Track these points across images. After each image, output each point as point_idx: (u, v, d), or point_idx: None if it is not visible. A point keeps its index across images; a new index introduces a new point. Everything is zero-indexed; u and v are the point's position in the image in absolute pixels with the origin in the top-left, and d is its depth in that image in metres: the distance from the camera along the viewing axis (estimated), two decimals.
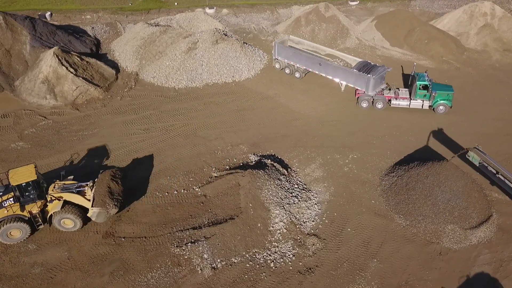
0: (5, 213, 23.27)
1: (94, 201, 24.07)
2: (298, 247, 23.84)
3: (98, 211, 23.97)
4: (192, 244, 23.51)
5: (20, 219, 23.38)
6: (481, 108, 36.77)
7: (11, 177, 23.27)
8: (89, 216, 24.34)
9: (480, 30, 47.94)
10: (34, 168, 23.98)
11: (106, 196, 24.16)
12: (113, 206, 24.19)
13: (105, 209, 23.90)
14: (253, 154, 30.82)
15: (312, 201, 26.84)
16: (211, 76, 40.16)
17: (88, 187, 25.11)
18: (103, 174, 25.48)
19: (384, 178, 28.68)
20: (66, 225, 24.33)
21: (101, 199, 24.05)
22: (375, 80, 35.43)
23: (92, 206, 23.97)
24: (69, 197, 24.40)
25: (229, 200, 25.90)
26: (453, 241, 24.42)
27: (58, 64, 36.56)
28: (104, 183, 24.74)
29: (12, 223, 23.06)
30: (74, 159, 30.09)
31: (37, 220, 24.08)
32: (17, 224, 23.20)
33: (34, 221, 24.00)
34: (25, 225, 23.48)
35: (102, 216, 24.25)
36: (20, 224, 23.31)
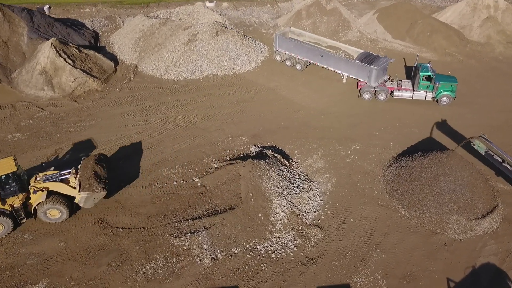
0: None
1: (81, 186, 23.24)
2: (300, 238, 23.31)
3: (86, 196, 23.21)
4: (192, 234, 23.00)
5: (1, 213, 22.46)
6: (485, 100, 36.24)
7: None
8: (77, 202, 23.50)
9: (483, 23, 47.40)
10: (14, 160, 23.11)
11: (93, 180, 23.44)
12: (101, 189, 23.52)
13: (93, 193, 23.17)
14: (253, 146, 30.30)
15: (314, 192, 26.31)
16: (211, 68, 39.64)
17: (71, 174, 24.26)
18: (87, 159, 24.71)
19: (387, 169, 28.15)
20: (52, 216, 23.56)
21: (88, 183, 23.29)
22: (378, 71, 34.91)
23: (80, 191, 23.18)
24: (53, 187, 23.58)
25: (229, 191, 25.39)
26: (458, 231, 23.89)
27: (56, 55, 36.05)
28: (89, 168, 23.97)
29: None
30: (68, 150, 29.59)
31: (19, 214, 23.18)
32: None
33: (17, 215, 23.09)
34: (7, 219, 22.57)
35: (90, 200, 23.59)
36: (2, 219, 22.38)
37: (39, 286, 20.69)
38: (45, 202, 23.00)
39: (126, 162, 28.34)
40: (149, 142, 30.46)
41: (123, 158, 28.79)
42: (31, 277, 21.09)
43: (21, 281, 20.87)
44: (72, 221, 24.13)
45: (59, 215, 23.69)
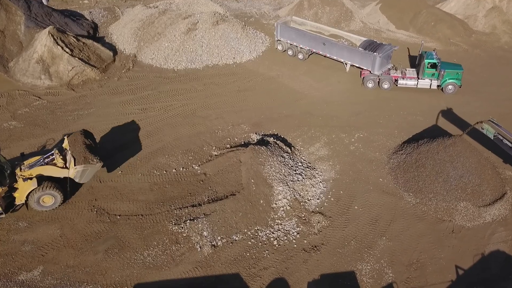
0: None
1: (75, 160, 22.34)
2: (303, 225, 22.60)
3: (82, 169, 22.38)
4: (191, 221, 22.29)
5: None
6: (492, 88, 35.47)
7: None
8: (73, 177, 22.58)
9: (488, 13, 46.59)
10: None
11: (87, 153, 22.67)
12: (96, 160, 22.80)
13: (89, 165, 22.41)
14: (255, 134, 29.58)
15: (317, 179, 25.59)
16: (211, 58, 38.90)
17: (56, 155, 23.22)
18: (73, 135, 23.91)
19: (392, 156, 27.42)
20: (46, 203, 22.76)
21: (82, 156, 22.48)
22: (381, 59, 34.14)
23: (75, 165, 22.39)
24: (42, 171, 22.57)
25: (230, 177, 24.68)
26: (466, 218, 23.17)
27: (54, 43, 35.35)
28: (79, 142, 23.22)
29: None
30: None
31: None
32: None
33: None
34: None
35: (87, 174, 22.83)
36: None
37: (33, 273, 20.01)
38: (37, 189, 22.14)
39: (124, 149, 27.64)
40: (147, 130, 29.77)
41: (121, 146, 28.09)
42: (25, 264, 20.40)
43: (15, 268, 20.19)
44: (68, 208, 23.44)
45: (52, 201, 22.89)
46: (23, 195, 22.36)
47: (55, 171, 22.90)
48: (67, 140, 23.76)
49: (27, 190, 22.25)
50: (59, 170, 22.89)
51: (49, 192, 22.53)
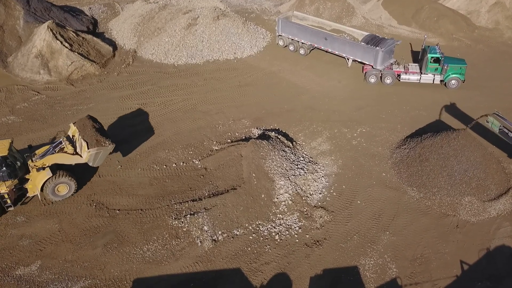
0: None
1: (88, 144, 22.45)
2: (305, 220, 22.24)
3: (95, 152, 22.56)
4: (192, 216, 21.95)
5: None
6: (495, 83, 35.05)
7: None
8: (86, 161, 22.74)
9: (491, 8, 46.15)
10: (9, 144, 21.82)
11: (98, 135, 22.83)
12: (109, 143, 22.98)
13: (102, 147, 22.58)
14: (256, 128, 29.24)
15: (319, 174, 25.23)
16: (212, 53, 38.54)
17: (64, 142, 23.32)
18: (81, 120, 24.01)
19: (395, 151, 27.04)
20: (60, 192, 22.87)
21: (94, 139, 22.66)
22: (384, 54, 33.75)
23: (88, 148, 22.31)
24: (54, 159, 22.61)
25: (231, 172, 24.33)
26: (471, 213, 22.80)
27: (53, 38, 35.00)
28: (88, 126, 23.30)
29: None
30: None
31: (5, 201, 21.84)
32: None
33: (2, 201, 21.78)
34: None
35: (100, 157, 22.99)
36: None
37: (31, 268, 19.68)
38: (52, 178, 22.23)
39: (124, 144, 27.27)
40: (147, 125, 29.42)
41: (120, 140, 27.72)
42: (23, 259, 20.08)
43: (13, 263, 19.87)
44: (67, 203, 23.12)
45: (67, 190, 23.04)
46: (38, 185, 22.25)
47: (67, 158, 22.95)
48: (75, 126, 23.81)
49: (42, 180, 22.19)
50: (71, 157, 22.96)
51: (64, 181, 22.68)
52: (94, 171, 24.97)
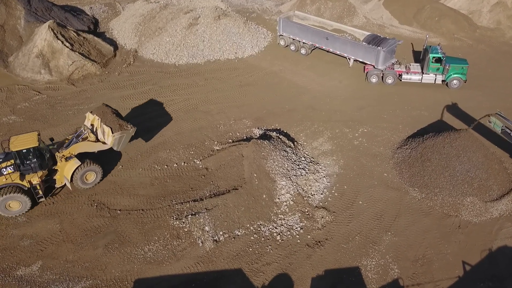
0: (3, 181, 21.49)
1: (112, 128, 23.36)
2: (306, 220, 22.18)
3: (119, 136, 23.56)
4: (193, 216, 21.90)
5: (19, 189, 21.55)
6: (497, 83, 34.97)
7: (12, 142, 21.57)
8: (111, 145, 23.69)
9: (492, 8, 46.02)
10: (37, 136, 22.27)
11: (120, 120, 24.02)
12: (130, 126, 24.13)
13: (125, 131, 23.68)
14: (257, 128, 29.18)
15: (320, 174, 25.17)
16: (213, 53, 38.47)
17: (86, 130, 24.26)
18: (99, 108, 24.89)
19: (397, 151, 26.97)
20: (88, 180, 23.73)
21: (117, 124, 23.72)
22: (385, 53, 33.66)
23: (112, 133, 23.29)
24: (80, 148, 23.50)
25: (232, 172, 24.27)
26: (473, 214, 22.73)
27: (54, 38, 34.96)
28: (108, 112, 24.38)
29: (11, 193, 21.22)
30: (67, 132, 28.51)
31: (37, 192, 22.33)
32: (16, 195, 21.37)
33: (34, 192, 22.25)
34: (24, 196, 21.66)
35: (123, 140, 24.02)
36: (20, 196, 21.48)
37: (32, 268, 19.65)
38: (81, 166, 22.95)
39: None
40: (148, 125, 29.34)
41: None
42: (24, 259, 20.05)
43: (13, 263, 19.84)
44: (68, 203, 23.10)
45: (94, 177, 23.84)
46: (68, 175, 22.86)
47: (92, 146, 23.90)
48: (93, 115, 24.60)
49: (71, 169, 22.82)
50: (95, 144, 23.95)
51: (92, 168, 23.49)
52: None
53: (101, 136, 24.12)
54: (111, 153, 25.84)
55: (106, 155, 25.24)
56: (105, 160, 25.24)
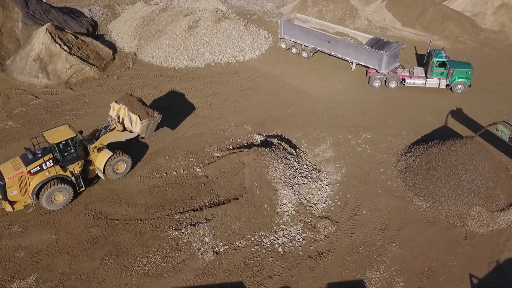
0: (47, 175, 21.95)
1: (140, 116, 24.19)
2: (309, 230, 21.63)
3: (147, 123, 24.49)
4: (192, 226, 21.35)
5: (63, 180, 22.24)
6: (502, 87, 34.39)
7: (49, 137, 21.88)
8: (140, 132, 24.63)
9: (496, 10, 45.45)
10: (70, 127, 22.75)
11: (146, 108, 24.90)
12: (157, 113, 25.11)
13: (152, 118, 24.61)
14: (258, 134, 28.63)
15: (323, 182, 24.61)
16: (213, 56, 37.92)
17: (112, 121, 25.05)
18: (124, 97, 25.57)
19: (401, 158, 26.41)
20: (119, 170, 24.41)
21: (144, 111, 24.56)
22: (389, 57, 33.11)
23: (141, 120, 24.12)
24: (110, 138, 24.19)
25: (232, 180, 23.72)
26: (480, 224, 22.17)
27: (51, 41, 34.41)
28: (134, 101, 25.14)
29: (56, 185, 21.86)
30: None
31: (79, 182, 23.15)
32: (61, 186, 22.01)
33: (77, 182, 23.03)
34: (68, 187, 22.38)
35: (150, 127, 24.99)
36: (64, 186, 22.16)
37: (27, 281, 19.11)
38: (113, 156, 23.71)
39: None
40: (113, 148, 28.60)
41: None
42: (18, 272, 19.50)
43: (8, 276, 19.29)
44: (65, 213, 22.55)
45: (124, 168, 24.56)
46: (100, 165, 23.64)
47: (120, 135, 24.79)
48: (119, 104, 25.22)
49: (103, 159, 23.61)
50: (123, 134, 24.85)
51: (123, 159, 24.29)
52: (92, 181, 24.41)
53: (129, 124, 24.93)
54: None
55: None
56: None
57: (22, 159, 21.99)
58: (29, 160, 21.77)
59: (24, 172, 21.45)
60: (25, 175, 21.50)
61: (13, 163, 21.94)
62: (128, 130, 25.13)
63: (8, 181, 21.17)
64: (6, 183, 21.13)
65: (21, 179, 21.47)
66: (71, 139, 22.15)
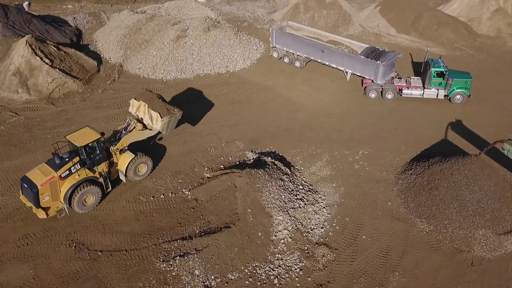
0: (77, 178, 21.89)
1: (160, 113, 24.04)
2: (306, 260, 20.26)
3: (168, 120, 24.34)
4: (181, 258, 19.84)
5: (92, 182, 22.27)
6: (502, 96, 33.35)
7: (75, 140, 21.88)
8: (161, 129, 24.46)
9: (492, 15, 44.54)
10: (92, 129, 22.67)
11: (166, 104, 24.77)
12: (177, 110, 24.90)
13: (172, 115, 24.47)
14: (250, 151, 27.22)
15: (320, 204, 23.26)
16: (202, 67, 36.47)
17: (132, 121, 24.67)
18: (142, 94, 25.53)
19: (401, 177, 25.16)
20: (140, 172, 24.44)
21: (164, 108, 24.44)
22: (385, 68, 31.92)
23: (161, 117, 23.96)
24: (131, 138, 24.08)
25: (224, 205, 22.28)
26: (486, 248, 20.95)
27: (32, 54, 32.72)
28: (154, 98, 25.03)
29: (87, 187, 21.95)
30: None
31: (106, 182, 23.21)
32: (91, 188, 22.11)
33: (105, 182, 23.08)
34: (97, 188, 22.49)
35: (171, 124, 24.83)
36: (94, 188, 22.27)
37: None
38: (135, 158, 23.67)
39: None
40: (133, 149, 27.12)
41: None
42: None
43: None
44: (43, 243, 20.93)
45: (145, 170, 24.60)
46: (122, 167, 23.60)
47: (141, 134, 24.64)
48: (138, 101, 24.94)
49: (125, 161, 23.60)
50: (143, 132, 24.71)
51: (144, 160, 24.34)
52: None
53: (149, 121, 24.72)
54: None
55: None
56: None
57: (49, 164, 21.76)
58: (57, 164, 21.53)
59: (55, 177, 21.30)
60: (56, 180, 21.35)
61: (41, 169, 21.68)
62: (148, 127, 24.93)
63: (40, 188, 20.93)
64: (39, 189, 20.87)
65: (53, 184, 21.34)
66: (97, 141, 22.16)
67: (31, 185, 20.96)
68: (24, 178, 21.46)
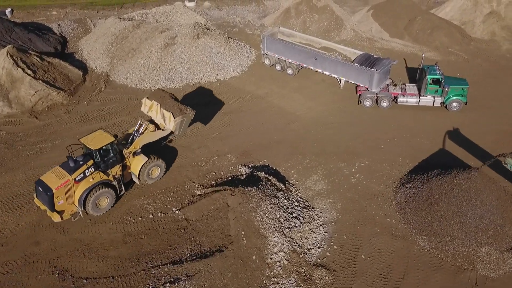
0: (91, 181, 21.78)
1: (173, 113, 23.94)
2: (303, 283, 19.27)
3: (180, 120, 24.26)
4: (172, 284, 18.77)
5: (106, 185, 22.17)
6: (499, 103, 32.69)
7: (89, 143, 21.75)
8: (173, 129, 24.33)
9: (486, 18, 43.99)
10: (105, 132, 22.55)
11: (179, 104, 24.65)
12: (190, 110, 24.83)
13: (185, 114, 24.36)
14: (243, 166, 26.19)
15: (316, 222, 22.30)
16: (192, 75, 35.33)
17: (144, 122, 24.39)
18: (155, 93, 25.43)
19: (399, 190, 24.30)
20: (153, 175, 24.34)
21: (177, 108, 24.33)
22: (380, 75, 31.08)
23: (174, 117, 23.84)
24: (144, 140, 23.87)
25: (216, 226, 21.21)
26: (490, 267, 20.14)
27: (13, 65, 31.36)
28: (167, 97, 24.83)
29: (101, 189, 21.81)
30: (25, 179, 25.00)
31: (120, 185, 23.10)
32: (105, 191, 21.98)
33: (118, 185, 22.94)
34: (111, 191, 22.36)
35: (184, 124, 24.76)
36: (107, 190, 22.13)
37: None
38: (148, 161, 23.58)
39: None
40: (145, 152, 25.97)
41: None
42: None
43: None
44: (26, 271, 19.69)
45: (158, 173, 24.45)
46: (135, 170, 23.54)
47: (153, 136, 24.45)
48: (151, 100, 24.86)
49: (139, 164, 23.51)
50: (155, 133, 24.51)
51: (157, 163, 24.21)
52: (59, 227, 21.64)
53: (161, 121, 24.59)
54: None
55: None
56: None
57: (63, 167, 21.62)
58: (71, 168, 21.38)
59: (70, 180, 21.18)
60: (70, 183, 21.24)
61: (55, 173, 21.57)
62: (160, 127, 24.81)
63: (55, 191, 20.82)
64: (54, 193, 20.74)
65: (67, 187, 21.24)
66: (111, 144, 22.06)
67: (46, 188, 20.82)
68: (38, 182, 21.30)
